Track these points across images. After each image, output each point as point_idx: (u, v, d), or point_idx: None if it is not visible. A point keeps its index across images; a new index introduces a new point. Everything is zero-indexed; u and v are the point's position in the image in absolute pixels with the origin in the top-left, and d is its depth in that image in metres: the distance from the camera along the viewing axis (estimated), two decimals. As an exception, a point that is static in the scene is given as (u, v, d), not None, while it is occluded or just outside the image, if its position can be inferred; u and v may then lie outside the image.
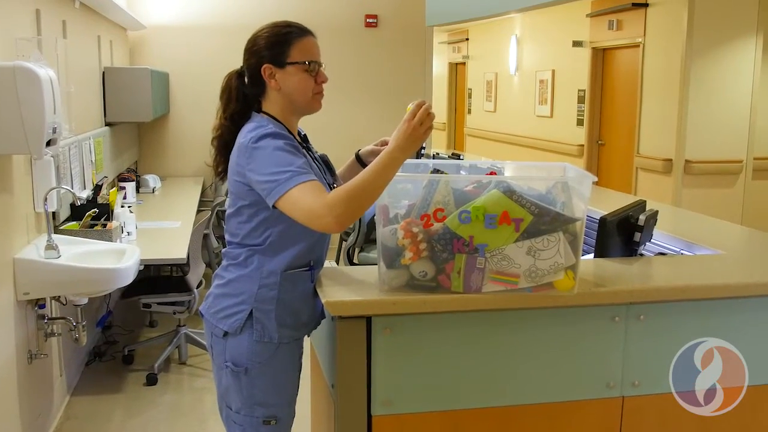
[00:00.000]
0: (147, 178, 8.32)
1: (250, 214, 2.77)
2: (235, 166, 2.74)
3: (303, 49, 2.81)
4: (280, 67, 2.79)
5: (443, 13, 11.11)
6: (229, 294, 2.83)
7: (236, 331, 2.78)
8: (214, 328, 2.85)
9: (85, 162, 6.10)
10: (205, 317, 2.91)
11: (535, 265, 2.60)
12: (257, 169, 2.64)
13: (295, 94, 2.82)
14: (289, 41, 2.80)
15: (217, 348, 2.87)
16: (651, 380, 2.91)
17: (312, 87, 2.83)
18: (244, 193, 2.75)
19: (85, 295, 4.82)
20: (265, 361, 2.80)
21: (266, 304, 2.78)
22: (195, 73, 9.33)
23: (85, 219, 5.32)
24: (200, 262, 6.17)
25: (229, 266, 2.87)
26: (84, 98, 6.46)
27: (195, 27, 9.36)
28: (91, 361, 6.10)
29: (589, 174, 2.71)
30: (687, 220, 4.58)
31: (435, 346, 2.73)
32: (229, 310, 2.81)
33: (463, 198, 2.62)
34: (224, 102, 2.89)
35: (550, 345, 2.81)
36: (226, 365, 2.83)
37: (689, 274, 3.09)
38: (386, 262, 2.66)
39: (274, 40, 2.80)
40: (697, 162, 8.63)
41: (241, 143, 2.72)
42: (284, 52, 2.78)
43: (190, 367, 6.11)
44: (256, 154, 2.65)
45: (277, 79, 2.79)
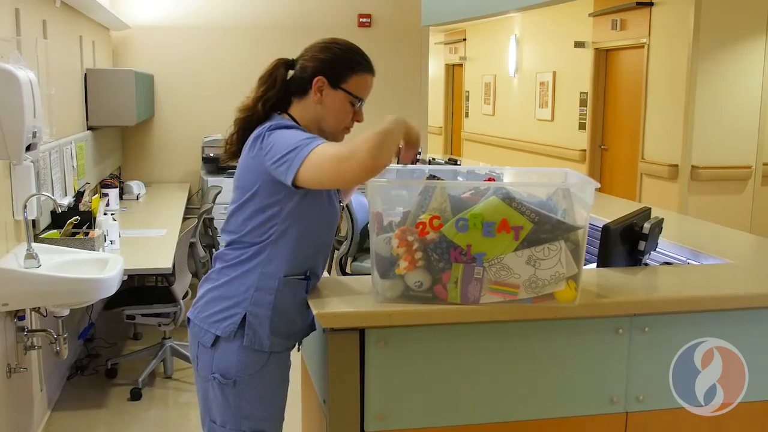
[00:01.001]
0: (131, 184, 8.31)
1: (257, 209, 2.77)
2: (249, 158, 2.77)
3: (361, 84, 2.89)
4: (333, 86, 2.84)
5: (439, 12, 11.13)
6: (222, 297, 2.83)
7: (229, 335, 2.78)
8: (203, 336, 2.84)
9: (67, 168, 6.10)
10: (193, 324, 2.90)
11: (536, 275, 2.60)
12: (275, 148, 2.66)
13: (330, 117, 2.87)
14: (354, 70, 2.87)
15: (203, 359, 2.87)
16: (656, 395, 2.91)
17: (347, 121, 2.91)
18: (254, 186, 2.75)
19: (67, 307, 4.81)
20: (254, 372, 2.80)
21: (261, 309, 2.78)
22: (181, 75, 9.33)
23: (66, 227, 5.31)
24: (186, 272, 6.16)
25: (223, 269, 2.86)
26: (65, 101, 6.46)
27: (181, 27, 9.36)
28: (72, 375, 6.08)
29: (592, 180, 2.71)
30: (694, 228, 4.58)
31: (431, 360, 2.72)
32: (222, 314, 2.81)
33: (460, 205, 2.62)
34: (264, 86, 2.89)
35: (551, 358, 2.81)
36: (213, 377, 2.83)
37: (696, 284, 3.09)
38: (380, 271, 2.66)
39: (343, 60, 2.87)
40: (704, 168, 8.64)
41: (257, 135, 2.76)
42: (344, 77, 2.85)
43: (176, 382, 6.10)
44: (273, 138, 2.69)
45: (324, 95, 2.84)
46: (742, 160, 8.78)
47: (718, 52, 8.56)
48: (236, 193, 2.85)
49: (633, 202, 6.24)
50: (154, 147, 9.48)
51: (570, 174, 3.02)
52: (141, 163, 9.47)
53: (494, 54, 14.31)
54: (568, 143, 11.49)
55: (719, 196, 8.75)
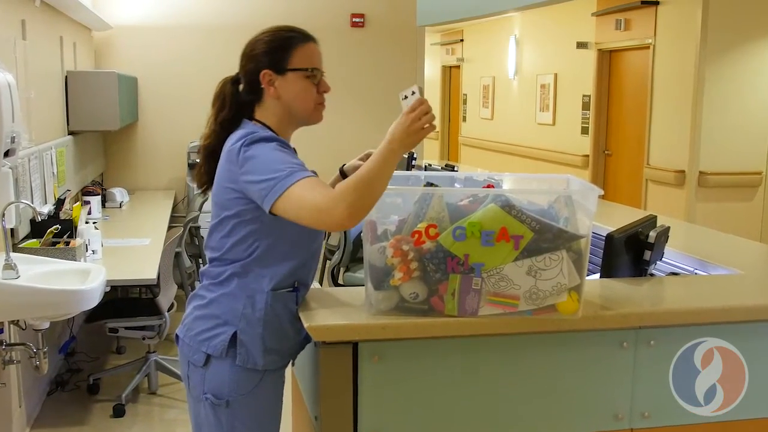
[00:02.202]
0: (114, 191, 8.30)
1: (236, 224, 2.75)
2: (225, 172, 2.75)
3: (305, 56, 2.84)
4: (280, 73, 2.81)
5: (436, 12, 11.16)
6: (210, 314, 2.81)
7: (220, 354, 2.76)
8: (193, 355, 2.83)
9: (47, 174, 6.09)
10: (182, 341, 2.89)
11: (536, 286, 2.60)
12: (252, 171, 2.63)
13: (296, 102, 2.84)
14: (291, 46, 2.83)
15: (194, 378, 2.85)
16: (662, 411, 2.91)
17: (314, 96, 2.87)
18: (231, 202, 2.74)
19: (47, 319, 4.80)
20: (248, 392, 2.78)
21: (252, 326, 2.76)
22: (166, 78, 9.32)
23: (46, 236, 5.31)
24: (172, 283, 6.16)
25: (210, 285, 2.85)
26: (45, 105, 6.46)
27: (166, 27, 9.36)
28: (53, 391, 6.07)
29: (595, 187, 2.72)
30: (701, 237, 4.59)
31: (427, 375, 2.72)
32: (211, 332, 2.79)
33: (457, 213, 2.62)
34: (217, 109, 2.89)
35: (553, 373, 2.81)
36: (206, 397, 2.81)
37: (704, 295, 3.10)
38: (374, 283, 2.66)
39: (275, 44, 2.83)
40: (713, 174, 8.66)
41: (231, 149, 2.72)
42: (285, 58, 2.81)
43: (161, 398, 6.09)
44: (250, 157, 2.65)
45: (277, 87, 2.81)
46: (752, 165, 8.79)
47: (727, 52, 8.58)
48: (214, 209, 2.84)
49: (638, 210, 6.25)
50: (137, 152, 9.47)
51: (572, 180, 3.02)
52: (124, 170, 9.46)
53: (493, 55, 14.33)
54: (570, 148, 11.50)
55: (728, 203, 8.77)
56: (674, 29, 9.14)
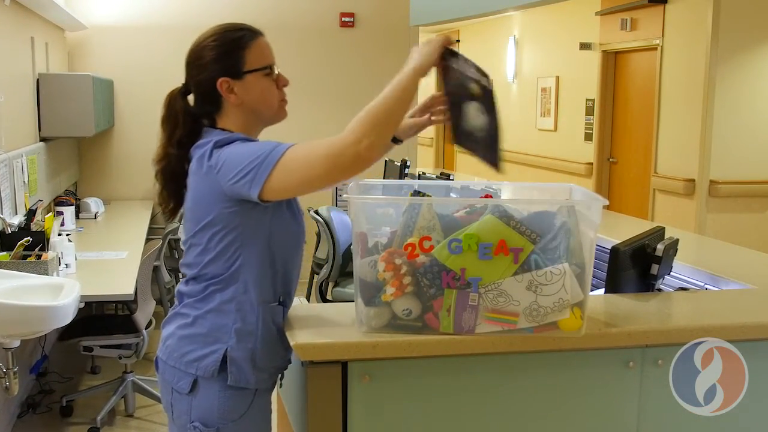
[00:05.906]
0: (88, 201, 8.30)
1: (214, 236, 2.71)
2: (197, 176, 2.72)
3: (259, 53, 2.81)
4: (237, 78, 2.77)
5: (430, 11, 11.17)
6: (197, 334, 2.76)
7: (211, 374, 2.71)
8: (178, 382, 2.77)
9: (17, 183, 6.09)
10: (164, 365, 2.84)
11: (537, 302, 2.60)
12: (232, 162, 2.60)
13: (260, 104, 2.81)
14: (242, 46, 2.79)
15: (179, 406, 2.81)
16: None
17: (276, 94, 2.84)
18: (210, 209, 2.70)
19: (17, 337, 4.79)
20: (237, 418, 2.75)
21: (243, 342, 2.72)
22: (144, 81, 9.30)
23: (16, 249, 5.30)
24: (150, 298, 6.15)
25: (194, 302, 2.79)
26: (15, 109, 6.45)
27: (144, 27, 9.37)
28: (23, 413, 6.05)
29: (599, 197, 2.72)
30: (712, 250, 4.60)
31: (421, 396, 2.72)
32: (200, 351, 2.74)
33: (452, 225, 2.62)
34: (169, 129, 2.84)
35: (554, 395, 2.82)
36: (193, 426, 2.76)
37: (715, 312, 3.11)
38: (365, 298, 2.66)
39: (225, 48, 2.79)
40: (724, 183, 8.67)
41: (202, 153, 2.70)
42: (239, 60, 2.78)
43: (138, 420, 6.08)
44: (225, 155, 2.63)
45: (237, 93, 2.77)
46: (766, 174, 8.80)
47: (739, 54, 8.59)
48: (188, 225, 2.80)
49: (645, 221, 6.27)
50: (114, 160, 9.46)
51: (575, 190, 3.03)
52: (99, 179, 9.45)
53: (491, 57, 14.33)
54: (573, 156, 11.52)
55: (740, 214, 8.77)
56: (683, 29, 9.15)
